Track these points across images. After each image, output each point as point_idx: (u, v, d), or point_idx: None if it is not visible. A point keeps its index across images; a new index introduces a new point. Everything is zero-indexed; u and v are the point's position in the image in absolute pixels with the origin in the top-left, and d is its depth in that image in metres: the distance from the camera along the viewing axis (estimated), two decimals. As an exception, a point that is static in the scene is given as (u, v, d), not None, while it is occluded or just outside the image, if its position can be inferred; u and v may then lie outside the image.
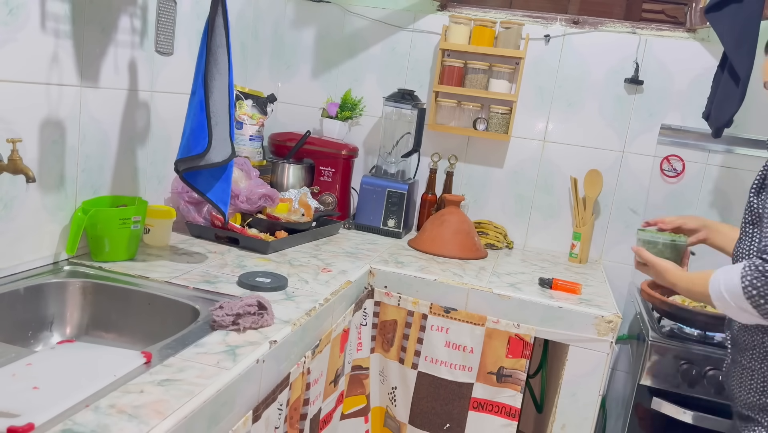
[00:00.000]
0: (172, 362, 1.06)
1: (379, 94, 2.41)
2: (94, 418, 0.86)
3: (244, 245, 1.80)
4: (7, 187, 1.30)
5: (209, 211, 1.84)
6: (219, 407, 1.01)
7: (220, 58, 1.48)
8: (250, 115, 2.10)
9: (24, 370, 0.99)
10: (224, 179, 1.54)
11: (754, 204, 1.31)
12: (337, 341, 1.59)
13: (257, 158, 2.15)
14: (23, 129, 1.32)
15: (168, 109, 1.79)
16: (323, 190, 2.31)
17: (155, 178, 1.80)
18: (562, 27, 2.27)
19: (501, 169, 2.38)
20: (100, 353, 1.11)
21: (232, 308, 1.22)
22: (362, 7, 2.41)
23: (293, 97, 2.53)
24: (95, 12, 1.47)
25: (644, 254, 1.49)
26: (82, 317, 1.38)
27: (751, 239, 1.32)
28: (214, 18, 1.46)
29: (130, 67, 1.61)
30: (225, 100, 1.50)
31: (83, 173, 1.52)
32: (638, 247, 1.53)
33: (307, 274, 1.64)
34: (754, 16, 1.77)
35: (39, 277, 1.36)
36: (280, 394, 1.23)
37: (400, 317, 1.83)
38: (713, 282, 1.25)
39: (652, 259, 1.48)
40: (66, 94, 1.42)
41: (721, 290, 1.22)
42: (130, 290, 1.39)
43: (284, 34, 2.50)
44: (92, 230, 1.48)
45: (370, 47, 2.44)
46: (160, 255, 1.62)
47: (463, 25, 2.26)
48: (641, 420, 1.82)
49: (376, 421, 1.93)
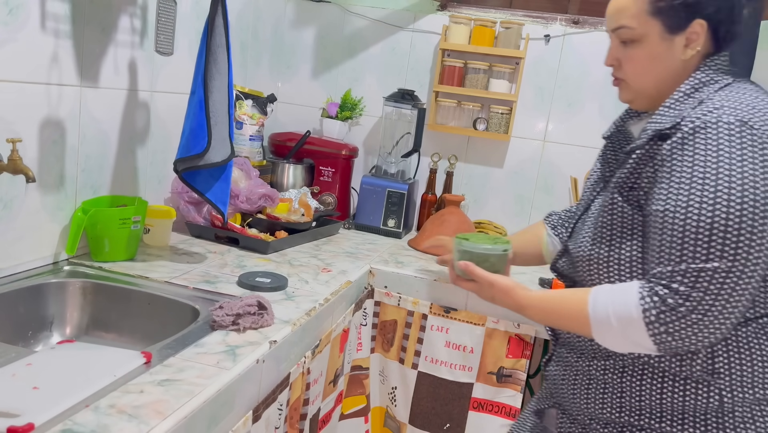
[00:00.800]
0: (172, 362, 1.05)
1: (379, 94, 2.41)
2: (94, 418, 0.86)
3: (244, 245, 1.79)
4: (7, 188, 1.30)
5: (209, 212, 1.83)
6: (219, 407, 1.01)
7: (220, 57, 1.48)
8: (250, 115, 2.10)
9: (24, 370, 0.99)
10: (224, 179, 1.54)
11: (621, 207, 1.10)
12: (336, 341, 1.59)
13: (257, 158, 2.15)
14: (23, 129, 1.32)
15: (168, 109, 1.79)
16: (323, 190, 2.31)
17: (155, 178, 1.80)
18: (562, 27, 2.26)
19: (501, 169, 2.38)
20: (100, 353, 1.11)
21: (232, 308, 1.22)
22: (362, 6, 2.41)
23: (293, 97, 2.53)
24: (95, 12, 1.47)
25: (478, 272, 1.24)
26: (82, 317, 1.38)
27: (619, 249, 1.10)
28: (214, 18, 1.46)
29: (130, 67, 1.61)
30: (225, 100, 1.50)
31: (83, 173, 1.52)
32: (467, 263, 1.26)
33: (307, 274, 1.64)
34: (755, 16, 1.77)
35: (39, 277, 1.36)
36: (280, 394, 1.23)
37: (400, 317, 1.83)
38: (596, 304, 1.03)
39: (490, 278, 1.22)
40: (66, 94, 1.42)
41: (608, 315, 1.01)
42: (130, 290, 1.38)
43: (284, 34, 2.50)
44: (92, 230, 1.48)
45: (370, 47, 2.44)
46: (160, 255, 1.62)
47: (463, 25, 2.26)
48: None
49: (376, 421, 1.93)
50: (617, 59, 1.15)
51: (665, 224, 0.99)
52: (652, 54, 1.10)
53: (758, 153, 0.96)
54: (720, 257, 0.94)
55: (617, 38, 1.13)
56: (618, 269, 1.10)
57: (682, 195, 0.98)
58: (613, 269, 1.11)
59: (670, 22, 1.08)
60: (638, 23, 1.09)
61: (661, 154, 1.03)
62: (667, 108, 1.08)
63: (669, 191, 1.00)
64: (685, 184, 0.98)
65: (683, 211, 0.97)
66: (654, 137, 1.05)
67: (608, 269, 1.11)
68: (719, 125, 0.98)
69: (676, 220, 0.98)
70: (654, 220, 1.01)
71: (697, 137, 0.99)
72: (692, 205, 0.96)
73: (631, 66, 1.13)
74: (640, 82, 1.14)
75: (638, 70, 1.12)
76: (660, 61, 1.10)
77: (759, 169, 0.96)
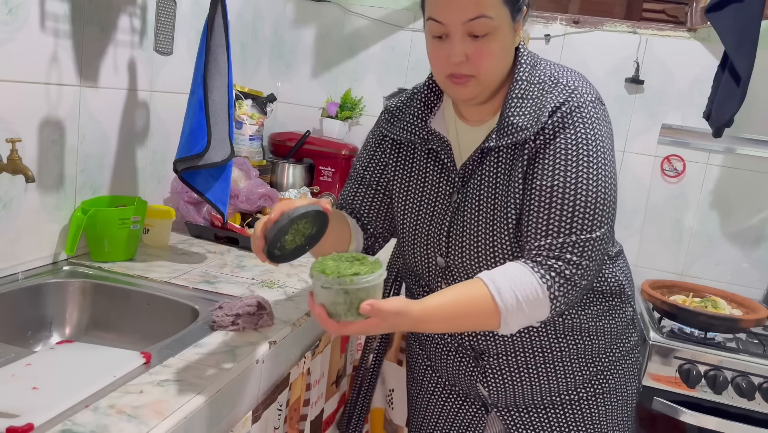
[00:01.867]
0: (171, 362, 1.05)
1: (379, 94, 2.41)
2: (94, 418, 0.86)
3: (243, 245, 1.79)
4: (7, 187, 1.30)
5: (209, 211, 1.83)
6: (219, 408, 1.01)
7: (220, 57, 1.48)
8: (250, 115, 2.10)
9: (23, 370, 0.99)
10: (223, 179, 1.53)
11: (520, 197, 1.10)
12: (337, 341, 1.58)
13: (257, 158, 2.15)
14: (22, 129, 1.32)
15: (167, 108, 1.79)
16: (323, 190, 2.31)
17: (155, 178, 1.80)
18: (563, 26, 2.26)
19: (501, 169, 2.38)
20: (100, 354, 1.11)
21: (232, 308, 1.22)
22: (362, 6, 2.41)
23: (293, 97, 2.53)
24: (95, 11, 1.46)
25: (386, 307, 0.96)
26: (81, 318, 1.38)
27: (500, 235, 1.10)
28: (214, 17, 1.46)
29: (129, 66, 1.61)
30: (224, 100, 1.49)
31: (82, 173, 1.51)
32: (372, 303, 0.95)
33: (307, 274, 1.63)
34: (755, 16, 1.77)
35: (38, 277, 1.36)
36: (279, 394, 1.22)
37: (400, 317, 1.83)
38: (501, 293, 1.00)
39: (396, 307, 0.97)
40: (65, 94, 1.42)
41: (517, 301, 1.00)
42: (129, 290, 1.38)
43: (284, 34, 2.50)
44: (91, 230, 1.47)
45: (370, 47, 2.44)
46: (159, 255, 1.61)
47: (463, 24, 2.25)
48: (642, 420, 1.82)
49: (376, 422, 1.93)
50: (465, 55, 1.04)
51: (554, 198, 1.04)
52: (504, 44, 1.07)
53: (609, 127, 1.11)
54: (599, 226, 1.05)
55: (467, 31, 1.03)
56: (495, 254, 1.13)
57: (570, 171, 1.04)
58: (492, 255, 1.13)
59: (513, 8, 1.07)
60: (495, 13, 1.03)
61: (543, 134, 1.07)
62: (522, 95, 1.09)
63: (556, 168, 1.05)
64: (572, 161, 1.05)
65: (572, 187, 1.04)
66: (540, 126, 1.07)
67: (486, 256, 1.14)
68: (587, 105, 1.07)
69: (566, 194, 1.04)
70: (540, 195, 1.06)
71: (575, 117, 1.06)
72: (581, 180, 1.04)
73: (488, 60, 1.05)
74: (494, 76, 1.08)
75: (494, 64, 1.06)
76: (508, 51, 1.09)
77: (610, 142, 1.10)
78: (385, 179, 1.27)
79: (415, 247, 1.23)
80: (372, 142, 1.29)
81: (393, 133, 1.22)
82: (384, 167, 1.27)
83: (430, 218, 1.20)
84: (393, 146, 1.25)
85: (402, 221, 1.25)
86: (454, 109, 1.20)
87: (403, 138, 1.21)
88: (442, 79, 1.10)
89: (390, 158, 1.26)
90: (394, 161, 1.25)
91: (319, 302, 0.98)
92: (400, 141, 1.23)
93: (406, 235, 1.25)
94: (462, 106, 1.18)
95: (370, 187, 1.28)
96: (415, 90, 1.26)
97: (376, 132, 1.29)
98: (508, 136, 1.08)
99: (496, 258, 1.12)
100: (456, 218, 1.16)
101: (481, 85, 1.08)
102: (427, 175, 1.21)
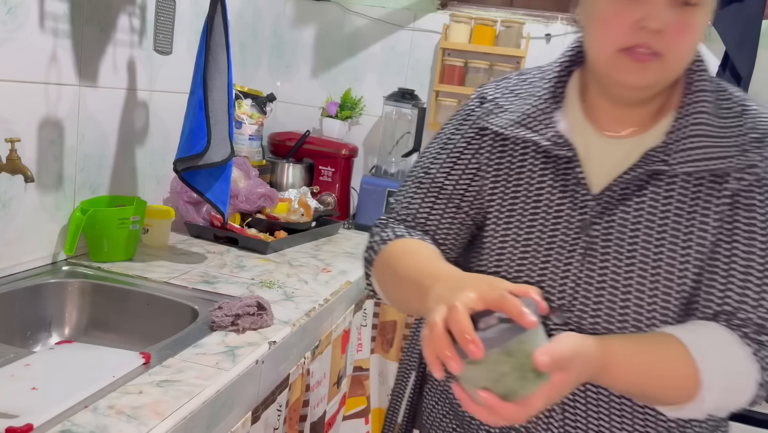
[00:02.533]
0: (171, 362, 1.05)
1: (379, 94, 2.40)
2: (93, 419, 0.86)
3: (243, 245, 1.79)
4: (6, 187, 1.30)
5: (208, 211, 1.83)
6: (218, 408, 1.01)
7: (220, 57, 1.48)
8: (250, 115, 2.09)
9: (23, 370, 0.99)
10: (223, 179, 1.53)
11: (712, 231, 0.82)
12: (338, 342, 1.58)
13: (256, 158, 2.15)
14: (22, 129, 1.31)
15: (167, 108, 1.78)
16: (323, 190, 2.31)
17: (154, 178, 1.79)
18: (563, 26, 2.26)
19: (501, 169, 2.37)
20: (99, 354, 1.11)
21: (231, 308, 1.22)
22: (362, 5, 2.41)
23: (293, 97, 2.53)
24: (94, 11, 1.46)
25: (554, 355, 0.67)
26: (80, 318, 1.38)
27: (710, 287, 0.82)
28: (213, 17, 1.45)
29: (128, 66, 1.61)
30: (224, 100, 1.49)
31: (82, 173, 1.51)
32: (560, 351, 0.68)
33: (307, 274, 1.63)
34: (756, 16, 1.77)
35: (37, 277, 1.35)
36: (279, 395, 1.22)
37: (400, 317, 1.83)
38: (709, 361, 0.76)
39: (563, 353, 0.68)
40: (65, 94, 1.42)
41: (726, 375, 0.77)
42: (128, 291, 1.38)
43: (284, 33, 2.50)
44: (91, 230, 1.47)
45: (370, 46, 2.43)
46: (158, 255, 1.61)
47: (463, 23, 2.25)
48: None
49: (376, 423, 1.93)
50: (665, 24, 0.76)
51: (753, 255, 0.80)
52: (703, 24, 0.79)
53: None
54: None
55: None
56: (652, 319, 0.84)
57: None
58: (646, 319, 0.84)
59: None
60: None
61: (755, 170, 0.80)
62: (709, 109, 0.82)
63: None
64: None
65: None
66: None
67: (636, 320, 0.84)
68: None
69: None
70: (760, 255, 0.80)
71: None
72: None
73: (689, 39, 0.78)
74: (682, 64, 0.81)
75: (691, 46, 0.80)
76: (701, 34, 0.81)
77: None
78: (474, 191, 0.93)
79: None
80: (456, 139, 0.94)
81: (501, 127, 0.89)
82: (474, 175, 0.92)
83: (545, 255, 0.87)
84: (493, 145, 0.91)
85: (498, 252, 0.90)
86: (583, 112, 0.89)
87: (518, 134, 0.88)
88: (610, 54, 0.79)
89: (488, 161, 0.92)
90: (494, 166, 0.91)
91: (479, 386, 0.66)
92: (506, 138, 0.90)
93: (503, 274, 0.90)
94: (609, 104, 0.87)
95: (451, 201, 0.93)
96: (528, 75, 0.97)
97: (464, 125, 0.94)
98: (701, 162, 0.80)
99: (651, 324, 0.82)
100: (589, 259, 0.84)
101: (665, 72, 0.79)
102: (542, 193, 0.88)
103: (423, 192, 0.95)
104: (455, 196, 0.93)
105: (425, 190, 0.95)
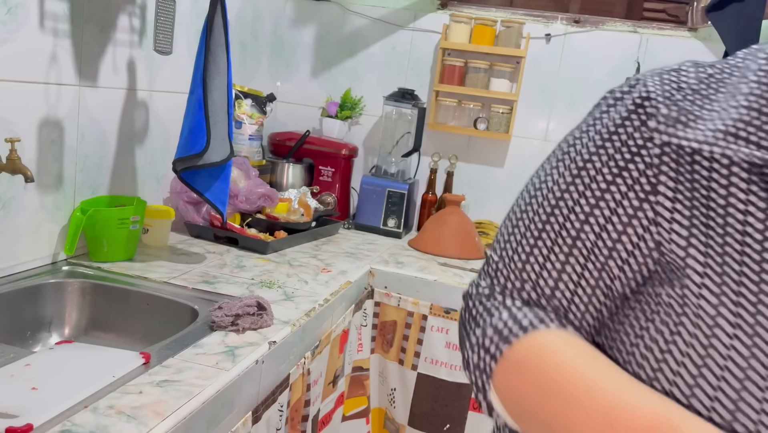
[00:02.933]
0: (171, 362, 1.05)
1: (379, 94, 2.40)
2: (93, 419, 0.86)
3: (243, 245, 1.79)
4: (6, 187, 1.30)
5: (208, 211, 1.83)
6: (218, 408, 1.01)
7: (219, 57, 1.48)
8: (249, 115, 2.09)
9: (22, 370, 0.99)
10: (223, 179, 1.53)
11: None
12: (336, 341, 1.58)
13: (256, 158, 2.14)
14: (22, 129, 1.31)
15: (167, 108, 1.78)
16: (323, 190, 2.31)
17: (154, 178, 1.79)
18: (563, 26, 2.26)
19: (502, 169, 2.38)
20: (99, 354, 1.10)
21: (231, 308, 1.22)
22: (362, 5, 2.41)
23: (293, 97, 2.53)
24: (94, 11, 1.46)
25: None
26: (80, 318, 1.38)
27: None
28: (213, 17, 1.45)
29: (128, 66, 1.61)
30: (224, 100, 1.49)
31: (82, 173, 1.51)
32: None
33: (307, 274, 1.63)
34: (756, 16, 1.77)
35: (37, 277, 1.35)
36: (280, 395, 1.22)
37: (400, 317, 1.83)
38: None
39: None
40: (64, 94, 1.42)
41: None
42: (128, 291, 1.38)
43: (284, 33, 2.49)
44: (91, 230, 1.47)
45: (370, 46, 2.43)
46: (158, 255, 1.61)
47: (463, 23, 2.25)
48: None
49: (376, 422, 1.93)
50: None
51: None
52: None
53: None
54: None
55: None
56: None
57: None
58: None
59: None
60: None
61: None
62: None
63: None
64: None
65: None
66: None
67: None
68: None
69: None
70: None
71: None
72: None
73: None
74: None
75: None
76: None
77: None
78: (645, 252, 0.56)
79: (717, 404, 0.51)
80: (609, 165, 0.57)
81: (700, 142, 0.53)
82: (651, 222, 0.55)
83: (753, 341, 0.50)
84: (679, 170, 0.54)
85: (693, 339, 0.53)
86: None
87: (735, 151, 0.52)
88: None
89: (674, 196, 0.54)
90: (687, 204, 0.54)
91: None
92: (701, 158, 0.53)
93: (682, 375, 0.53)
94: None
95: (606, 269, 0.58)
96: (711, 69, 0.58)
97: (616, 141, 0.57)
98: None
99: None
100: None
101: None
102: (746, 240, 0.51)
103: (561, 255, 0.60)
104: (609, 260, 0.58)
105: (557, 251, 0.60)
